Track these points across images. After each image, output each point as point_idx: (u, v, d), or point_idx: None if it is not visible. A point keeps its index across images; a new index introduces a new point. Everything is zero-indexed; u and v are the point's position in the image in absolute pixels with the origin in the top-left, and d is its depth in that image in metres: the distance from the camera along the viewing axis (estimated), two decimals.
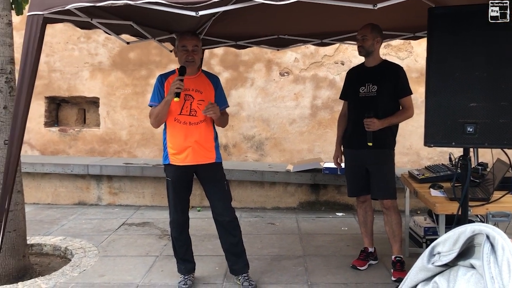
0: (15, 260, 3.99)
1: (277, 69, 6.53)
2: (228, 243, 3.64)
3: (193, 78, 3.51)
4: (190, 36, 3.47)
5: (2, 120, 3.86)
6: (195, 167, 3.52)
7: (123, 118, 6.90)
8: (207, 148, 3.51)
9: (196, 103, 3.46)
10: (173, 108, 3.43)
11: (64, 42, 6.90)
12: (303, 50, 6.39)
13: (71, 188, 6.39)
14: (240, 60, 6.55)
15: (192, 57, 3.43)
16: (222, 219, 3.58)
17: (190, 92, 3.46)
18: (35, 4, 2.61)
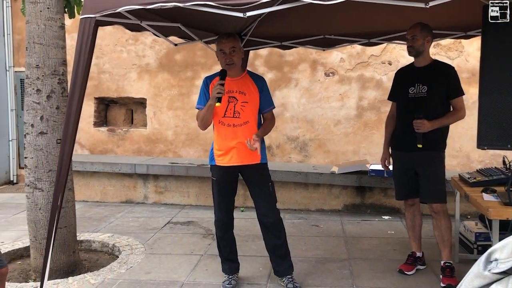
0: (66, 255, 4.12)
1: (322, 69, 6.46)
2: (272, 244, 3.62)
3: (237, 79, 3.50)
4: (226, 38, 3.44)
5: (55, 120, 4.00)
6: (239, 168, 3.53)
7: (169, 119, 7.02)
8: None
9: (239, 105, 3.46)
10: (217, 110, 3.44)
11: (113, 44, 7.09)
12: (349, 50, 6.30)
13: (118, 186, 6.56)
14: (285, 61, 6.54)
15: (231, 59, 3.41)
16: (266, 220, 3.56)
17: (234, 94, 3.46)
18: (88, 7, 2.69)
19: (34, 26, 3.90)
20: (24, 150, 4.13)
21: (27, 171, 4.04)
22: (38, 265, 4.04)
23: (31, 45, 3.93)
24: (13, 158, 7.97)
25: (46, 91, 3.94)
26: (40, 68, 3.92)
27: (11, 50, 7.83)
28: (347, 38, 4.73)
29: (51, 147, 3.98)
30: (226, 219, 3.65)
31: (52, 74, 3.96)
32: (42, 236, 3.99)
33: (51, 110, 3.97)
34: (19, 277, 4.10)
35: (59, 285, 3.77)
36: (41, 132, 3.95)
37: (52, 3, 3.92)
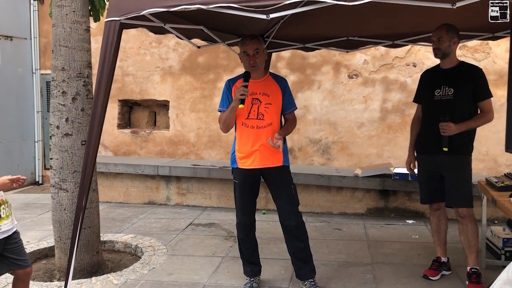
0: (89, 255, 4.17)
1: (346, 71, 6.41)
2: (294, 247, 3.59)
3: (260, 81, 3.50)
4: (249, 40, 3.44)
5: (80, 122, 4.05)
6: (261, 170, 3.51)
7: (191, 121, 7.05)
8: (275, 151, 3.47)
9: (263, 107, 3.45)
10: (241, 112, 3.44)
11: (137, 47, 7.17)
12: (373, 52, 6.24)
13: (141, 188, 6.61)
14: (308, 63, 6.50)
15: (254, 61, 3.41)
16: (289, 223, 3.53)
17: (257, 96, 3.45)
18: (113, 10, 2.72)
19: (60, 29, 3.96)
20: (49, 152, 4.19)
21: (52, 172, 4.11)
22: (62, 265, 4.10)
23: (57, 48, 3.99)
24: (39, 159, 8.12)
25: (71, 93, 4.00)
26: (66, 70, 3.98)
27: (37, 53, 7.99)
28: (371, 40, 4.68)
29: (76, 148, 4.04)
30: (248, 222, 3.65)
31: (77, 77, 4.01)
32: (67, 236, 4.05)
33: (76, 112, 4.02)
34: (43, 276, 4.16)
35: (82, 285, 3.81)
36: (66, 133, 4.01)
37: (78, 7, 3.97)
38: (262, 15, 2.59)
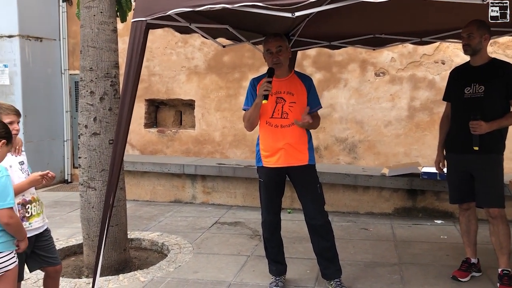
0: (117, 253, 4.22)
1: (372, 69, 6.33)
2: (320, 247, 3.56)
3: (285, 80, 3.48)
4: (272, 38, 3.43)
5: (107, 121, 4.10)
6: (287, 169, 3.49)
7: (216, 120, 7.08)
8: (300, 150, 3.45)
9: (287, 106, 3.42)
10: (265, 111, 3.42)
11: (163, 47, 7.24)
12: (400, 49, 6.14)
13: (168, 186, 6.68)
14: (334, 61, 6.45)
15: (277, 59, 3.39)
16: (314, 223, 3.51)
17: (282, 95, 3.43)
18: (139, 11, 2.74)
19: (88, 30, 4.02)
20: (78, 150, 4.26)
21: (81, 170, 4.18)
22: (90, 262, 4.16)
23: (85, 48, 4.05)
24: (68, 158, 8.28)
25: (99, 93, 4.06)
26: (94, 70, 4.04)
27: (66, 54, 8.15)
28: (399, 37, 4.61)
29: (103, 147, 4.10)
30: (274, 221, 3.63)
31: (105, 77, 4.07)
32: (95, 233, 4.11)
33: (104, 111, 4.08)
34: (72, 273, 4.24)
35: (110, 282, 3.87)
36: (94, 133, 4.07)
37: (105, 8, 4.03)
38: (287, 13, 2.58)
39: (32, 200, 2.81)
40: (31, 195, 2.82)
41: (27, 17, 7.48)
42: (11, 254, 2.45)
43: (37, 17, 7.66)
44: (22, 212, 2.72)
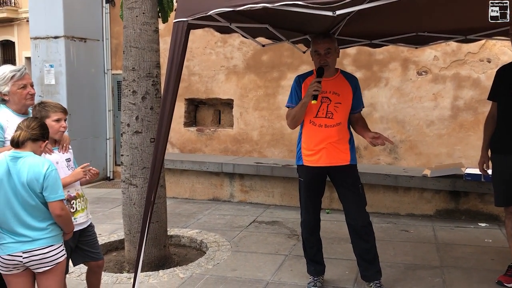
0: (157, 249, 4.30)
1: (414, 68, 6.20)
2: (360, 248, 3.51)
3: (331, 79, 3.44)
4: (321, 39, 3.39)
5: (149, 120, 4.19)
6: (328, 169, 3.46)
7: (254, 119, 7.10)
8: (342, 150, 3.42)
9: (333, 106, 3.39)
10: (309, 110, 3.39)
11: (202, 47, 7.31)
12: (443, 47, 5.98)
13: (206, 184, 6.75)
14: (374, 60, 6.35)
15: (325, 61, 3.36)
16: (355, 223, 3.46)
17: (327, 95, 3.39)
18: (181, 11, 2.78)
19: (130, 31, 4.12)
20: (120, 148, 4.36)
21: (123, 168, 4.28)
22: (131, 257, 4.26)
23: (128, 48, 4.14)
24: (110, 155, 8.49)
25: (141, 92, 4.14)
26: (136, 70, 4.13)
27: (109, 54, 8.35)
28: (442, 35, 4.48)
29: (145, 145, 4.18)
30: (313, 221, 3.61)
31: (146, 76, 4.15)
32: (136, 229, 4.20)
33: (146, 110, 4.16)
34: (114, 268, 4.34)
35: (150, 277, 3.94)
36: (136, 131, 4.16)
37: (147, 9, 4.11)
38: (328, 12, 2.55)
39: (77, 196, 2.90)
40: (76, 191, 2.91)
41: (72, 19, 7.71)
42: (61, 247, 2.54)
43: (81, 18, 7.89)
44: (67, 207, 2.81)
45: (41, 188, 2.41)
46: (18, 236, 2.42)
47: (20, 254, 2.41)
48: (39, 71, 7.78)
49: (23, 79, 2.92)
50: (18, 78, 2.90)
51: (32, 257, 2.42)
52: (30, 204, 2.42)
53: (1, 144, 2.82)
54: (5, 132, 2.81)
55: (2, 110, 2.91)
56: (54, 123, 2.82)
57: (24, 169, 2.40)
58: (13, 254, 2.41)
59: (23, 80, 2.92)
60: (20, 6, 14.12)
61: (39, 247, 2.43)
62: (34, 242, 2.43)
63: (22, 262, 2.43)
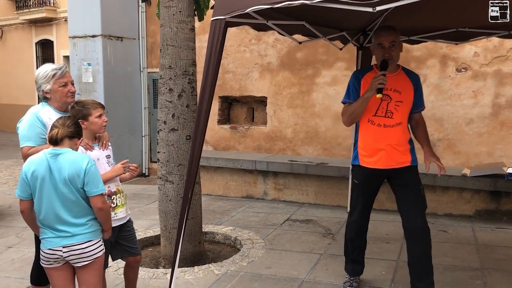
0: (192, 245, 4.34)
1: (453, 64, 6.04)
2: (416, 255, 3.27)
3: (392, 76, 3.25)
4: (385, 32, 3.23)
5: (185, 118, 4.22)
6: (386, 171, 3.28)
7: (288, 117, 7.07)
8: (402, 151, 3.24)
9: (393, 104, 3.21)
10: (368, 108, 3.23)
11: (237, 45, 7.33)
12: (484, 43, 5.80)
13: (240, 182, 6.77)
14: (412, 56, 6.22)
15: (389, 54, 3.19)
16: (414, 227, 3.25)
17: (388, 92, 3.21)
18: (218, 9, 2.79)
19: (167, 29, 4.16)
20: (156, 145, 4.42)
21: (159, 165, 4.33)
22: (167, 253, 4.31)
23: (165, 47, 4.19)
24: (146, 152, 8.63)
25: (177, 90, 4.18)
26: (172, 68, 4.17)
27: (145, 53, 8.48)
28: (484, 31, 4.35)
29: (181, 142, 4.22)
30: (363, 223, 3.47)
31: (183, 74, 4.18)
32: (172, 225, 4.25)
33: (182, 108, 4.20)
34: (150, 263, 4.41)
35: (186, 273, 3.98)
36: (173, 128, 4.20)
37: (184, 7, 4.14)
38: (368, 8, 2.50)
39: (117, 191, 2.96)
40: (116, 186, 2.96)
41: (109, 18, 7.87)
42: (100, 242, 2.59)
43: (118, 17, 8.03)
44: (108, 202, 2.86)
45: (82, 183, 2.46)
46: (59, 231, 2.48)
47: (60, 248, 2.47)
48: (77, 70, 7.96)
49: (64, 77, 2.99)
50: (59, 76, 2.97)
51: (71, 252, 2.48)
52: (71, 199, 2.48)
53: (43, 141, 2.89)
54: (47, 130, 2.89)
55: (45, 108, 2.99)
56: (97, 119, 2.88)
57: (65, 165, 2.45)
58: (53, 248, 2.47)
59: (64, 78, 2.99)
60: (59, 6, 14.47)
61: (78, 242, 2.49)
62: (74, 237, 2.48)
63: (62, 256, 2.49)
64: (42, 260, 2.54)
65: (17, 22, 15.73)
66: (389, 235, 4.78)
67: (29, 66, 15.75)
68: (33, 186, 2.48)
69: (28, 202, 2.52)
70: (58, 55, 14.72)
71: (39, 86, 3.00)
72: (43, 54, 15.55)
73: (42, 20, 14.92)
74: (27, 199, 2.52)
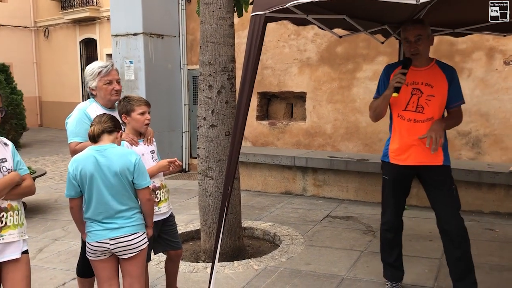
0: (232, 240, 4.37)
1: (501, 57, 5.81)
2: (453, 256, 3.18)
3: (423, 70, 3.17)
4: (411, 25, 3.15)
5: (224, 114, 4.25)
6: (417, 168, 3.20)
7: (328, 112, 7.00)
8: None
9: (424, 99, 3.12)
10: (398, 103, 3.16)
11: (276, 40, 7.31)
12: None
13: (278, 178, 6.76)
14: (456, 49, 6.03)
15: (416, 49, 3.11)
16: (449, 229, 3.15)
17: (419, 86, 3.13)
18: (258, 4, 2.78)
19: (207, 26, 4.18)
20: (196, 141, 4.47)
21: (199, 160, 4.38)
22: (207, 247, 4.36)
23: (205, 44, 4.22)
24: (185, 148, 8.74)
25: (217, 86, 4.21)
26: (212, 65, 4.20)
27: (185, 50, 8.58)
28: None
29: (220, 138, 4.25)
30: (396, 222, 3.38)
31: (222, 71, 4.20)
32: (211, 220, 4.30)
33: (221, 104, 4.22)
34: (190, 257, 4.47)
35: (226, 267, 4.01)
36: (212, 125, 4.23)
37: (223, 3, 4.16)
38: (411, 0, 2.43)
39: (161, 186, 3.01)
40: (160, 181, 3.01)
41: (150, 16, 8.00)
42: (144, 234, 2.65)
43: (158, 15, 8.16)
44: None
45: (131, 177, 2.53)
46: (107, 223, 2.55)
47: (107, 241, 2.54)
48: (120, 67, 8.13)
49: (108, 75, 3.05)
50: (104, 74, 3.04)
51: (118, 244, 2.54)
52: (120, 193, 2.54)
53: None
54: None
55: (92, 105, 3.07)
56: (139, 116, 2.93)
57: (114, 159, 2.52)
58: (101, 241, 2.54)
59: (109, 76, 3.05)
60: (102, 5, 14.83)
61: (125, 234, 2.55)
62: (121, 229, 2.55)
63: (109, 249, 2.55)
64: (88, 253, 2.61)
65: (62, 21, 16.23)
66: (432, 232, 4.64)
67: (73, 65, 16.24)
68: (82, 184, 2.55)
69: (77, 200, 2.60)
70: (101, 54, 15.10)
71: (86, 83, 3.09)
72: (87, 53, 15.98)
73: (85, 19, 15.34)
74: (76, 197, 2.59)
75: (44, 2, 16.73)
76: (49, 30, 17.03)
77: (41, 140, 13.75)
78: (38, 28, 17.43)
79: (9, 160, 2.42)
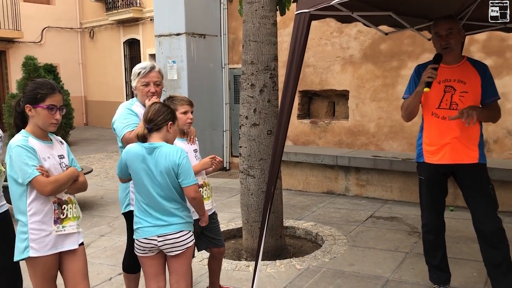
0: (273, 239, 4.36)
1: None
2: (490, 257, 3.11)
3: (455, 67, 3.16)
4: (442, 20, 3.13)
5: (266, 113, 4.24)
6: (452, 167, 3.15)
7: (371, 111, 6.88)
8: (469, 146, 3.10)
9: (457, 96, 3.09)
10: (431, 101, 3.14)
11: (318, 38, 7.24)
12: None
13: (320, 177, 6.70)
14: (507, 45, 5.80)
15: (447, 42, 3.07)
16: (484, 229, 3.09)
17: (452, 83, 3.11)
18: (303, 3, 2.76)
19: (250, 25, 4.19)
20: (238, 140, 4.48)
21: (241, 159, 4.39)
22: (249, 246, 4.37)
23: (247, 43, 4.22)
24: (227, 147, 8.80)
25: (259, 85, 4.21)
26: (255, 64, 4.20)
27: (226, 49, 8.62)
28: None
29: (262, 137, 4.25)
30: (436, 223, 3.31)
31: (264, 70, 4.20)
32: (253, 219, 4.30)
33: (263, 103, 4.22)
34: (232, 255, 4.49)
35: (268, 266, 4.01)
36: (254, 123, 4.24)
37: (266, 2, 4.15)
38: None
39: (204, 184, 3.04)
40: (203, 179, 3.05)
41: (192, 16, 8.09)
42: (191, 232, 2.68)
43: (200, 15, 8.24)
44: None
45: (177, 175, 2.56)
46: (155, 220, 2.59)
47: (155, 238, 2.58)
48: (163, 67, 8.26)
49: (146, 77, 3.07)
50: (142, 75, 3.07)
51: (166, 241, 2.58)
52: (167, 191, 2.58)
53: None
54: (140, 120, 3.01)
55: (135, 104, 3.13)
56: (181, 115, 2.97)
57: (161, 159, 2.56)
58: (149, 237, 2.59)
59: (146, 78, 3.07)
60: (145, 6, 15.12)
61: (172, 232, 2.59)
62: (169, 226, 2.58)
63: (157, 246, 2.60)
64: (136, 249, 2.67)
65: (106, 22, 16.65)
66: None
67: (117, 65, 16.63)
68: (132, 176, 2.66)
69: (126, 180, 2.77)
70: (144, 54, 15.40)
71: (131, 82, 3.16)
72: (130, 53, 16.33)
73: (129, 20, 15.67)
74: (126, 179, 2.74)
75: (89, 3, 17.21)
76: (94, 31, 17.51)
77: (87, 139, 14.17)
78: (84, 29, 17.95)
79: (66, 157, 2.56)
